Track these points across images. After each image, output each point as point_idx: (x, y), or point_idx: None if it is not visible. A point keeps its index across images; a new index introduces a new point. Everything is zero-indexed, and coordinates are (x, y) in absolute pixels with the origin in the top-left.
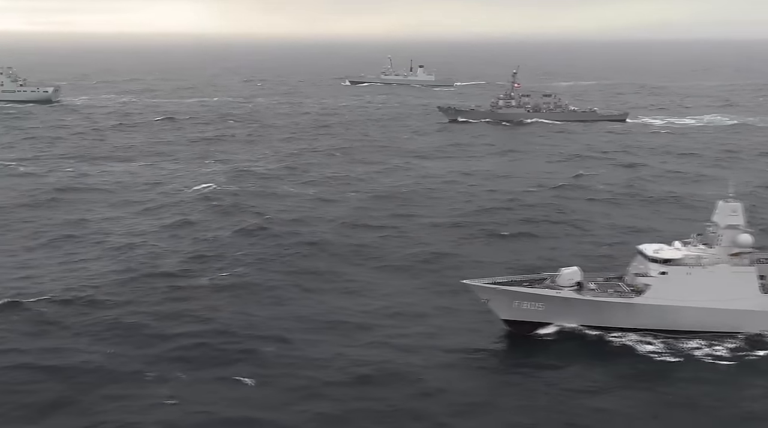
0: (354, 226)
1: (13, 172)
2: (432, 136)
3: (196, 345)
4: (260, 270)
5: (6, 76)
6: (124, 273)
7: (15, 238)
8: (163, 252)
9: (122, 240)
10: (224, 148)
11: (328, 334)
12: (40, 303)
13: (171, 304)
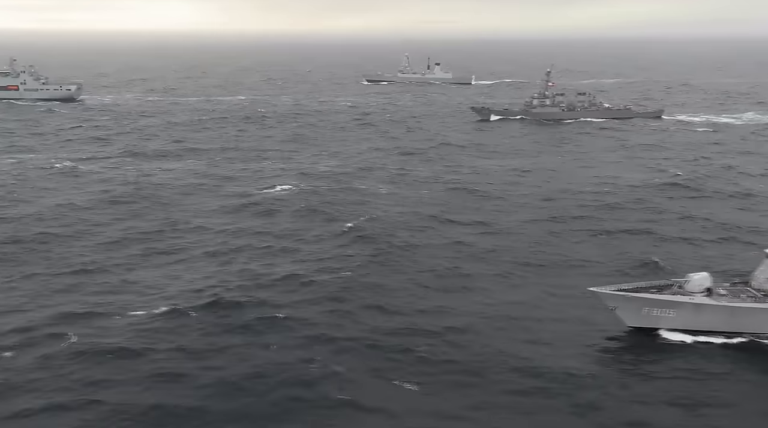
0: (457, 223)
1: (78, 173)
2: (477, 134)
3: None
4: (381, 270)
5: (28, 74)
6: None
7: (141, 246)
8: (289, 253)
9: (239, 241)
10: (281, 148)
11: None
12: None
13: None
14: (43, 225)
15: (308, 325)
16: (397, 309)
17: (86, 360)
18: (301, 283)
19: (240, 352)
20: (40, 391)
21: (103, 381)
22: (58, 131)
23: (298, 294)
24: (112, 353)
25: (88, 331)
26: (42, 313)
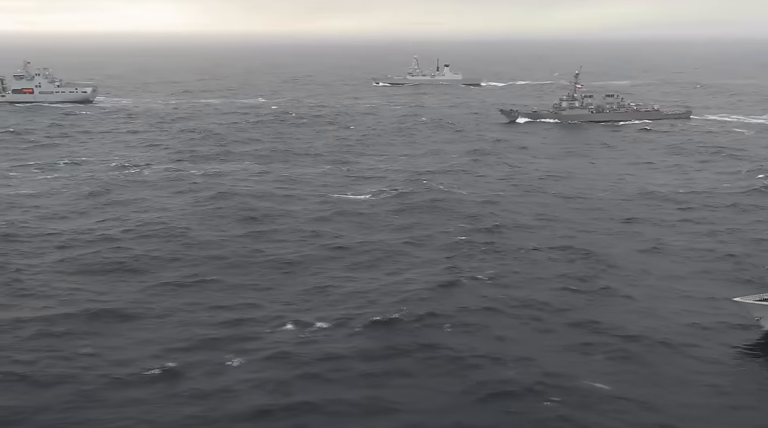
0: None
1: (159, 177)
2: (520, 135)
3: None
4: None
5: (43, 77)
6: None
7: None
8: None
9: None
10: (353, 150)
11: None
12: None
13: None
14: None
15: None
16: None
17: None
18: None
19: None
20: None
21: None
22: (95, 135)
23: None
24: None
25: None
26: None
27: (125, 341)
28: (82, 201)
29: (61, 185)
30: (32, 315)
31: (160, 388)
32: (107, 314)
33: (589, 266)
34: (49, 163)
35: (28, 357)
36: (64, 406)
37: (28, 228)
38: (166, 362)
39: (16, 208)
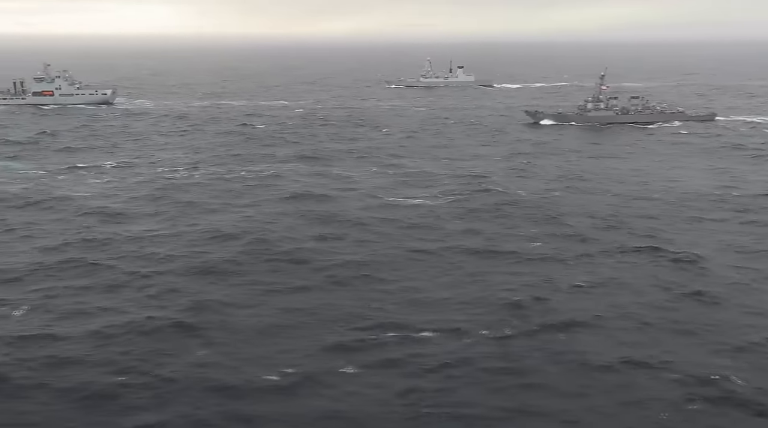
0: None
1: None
2: (554, 137)
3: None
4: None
5: (63, 80)
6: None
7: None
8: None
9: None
10: (394, 152)
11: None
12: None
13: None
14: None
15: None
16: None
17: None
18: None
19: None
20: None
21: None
22: (128, 137)
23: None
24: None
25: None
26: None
27: (235, 349)
28: (149, 204)
29: (116, 188)
30: (164, 315)
31: (276, 398)
32: (212, 321)
33: (682, 267)
34: (94, 166)
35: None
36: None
37: (118, 233)
38: (281, 369)
39: (92, 215)
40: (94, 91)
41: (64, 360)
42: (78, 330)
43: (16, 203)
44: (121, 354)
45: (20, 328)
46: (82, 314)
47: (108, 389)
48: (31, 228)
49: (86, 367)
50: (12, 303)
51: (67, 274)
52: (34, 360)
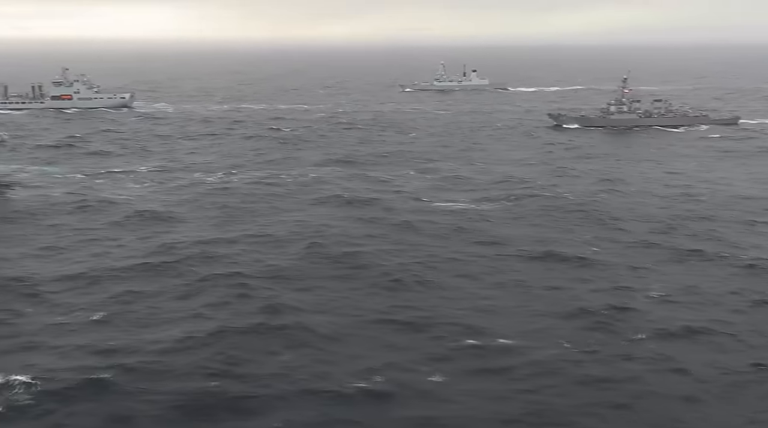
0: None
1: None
2: (584, 140)
3: None
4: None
5: (81, 83)
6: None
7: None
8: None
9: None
10: (427, 155)
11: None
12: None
13: None
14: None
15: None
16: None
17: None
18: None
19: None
20: None
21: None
22: (156, 140)
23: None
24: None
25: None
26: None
27: (323, 354)
28: (198, 209)
29: (159, 192)
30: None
31: (371, 404)
32: (289, 325)
33: (755, 272)
34: (130, 170)
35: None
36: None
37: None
38: (369, 376)
39: (145, 220)
40: (112, 94)
41: (155, 367)
42: (162, 335)
43: (66, 208)
44: (209, 360)
45: (105, 336)
46: (161, 320)
47: (204, 395)
48: (88, 233)
49: (177, 374)
50: (88, 308)
51: (137, 279)
52: (123, 366)
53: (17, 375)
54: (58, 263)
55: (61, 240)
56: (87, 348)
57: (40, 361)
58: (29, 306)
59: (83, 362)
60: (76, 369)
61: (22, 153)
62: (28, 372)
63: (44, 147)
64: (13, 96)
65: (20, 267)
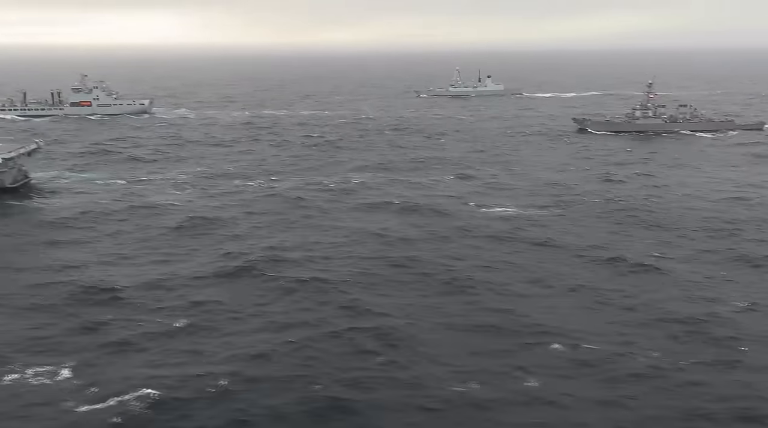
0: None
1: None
2: (614, 144)
3: None
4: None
5: (100, 90)
6: None
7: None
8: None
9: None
10: (465, 161)
11: None
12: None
13: None
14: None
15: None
16: None
17: None
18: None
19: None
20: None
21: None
22: (184, 147)
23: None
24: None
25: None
26: None
27: (414, 357)
28: (250, 216)
29: (205, 198)
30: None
31: (473, 412)
32: (382, 328)
33: None
34: (169, 177)
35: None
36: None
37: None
38: (466, 380)
39: (202, 227)
40: (132, 101)
41: (255, 373)
42: (252, 340)
43: (118, 215)
44: (303, 367)
45: (197, 344)
46: (248, 325)
47: (309, 400)
48: (150, 240)
49: (279, 380)
50: (173, 314)
51: (215, 285)
52: (228, 373)
53: (127, 385)
54: (131, 269)
55: (124, 247)
56: (184, 356)
57: (149, 371)
58: (115, 313)
59: (186, 370)
60: (181, 377)
61: (56, 160)
62: (143, 383)
63: (77, 154)
64: (32, 102)
65: (93, 275)
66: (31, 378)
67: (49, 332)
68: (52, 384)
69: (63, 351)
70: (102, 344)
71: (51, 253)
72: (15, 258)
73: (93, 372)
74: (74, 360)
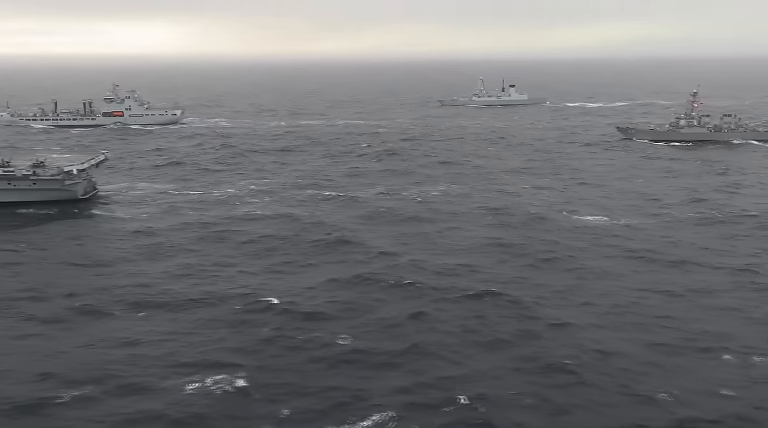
0: None
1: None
2: (670, 154)
3: None
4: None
5: (132, 100)
6: None
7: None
8: None
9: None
10: (533, 170)
11: None
12: None
13: None
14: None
15: None
16: None
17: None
18: None
19: None
20: None
21: None
22: (246, 159)
23: None
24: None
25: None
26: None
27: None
28: (373, 225)
29: (295, 206)
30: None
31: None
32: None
33: None
34: (241, 187)
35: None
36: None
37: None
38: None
39: (334, 239)
40: (163, 111)
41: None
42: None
43: (222, 223)
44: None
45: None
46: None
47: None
48: (275, 252)
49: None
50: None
51: (361, 293)
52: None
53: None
54: (280, 282)
55: (254, 262)
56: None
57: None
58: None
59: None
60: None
61: (120, 170)
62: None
63: (136, 164)
64: (63, 112)
65: (249, 288)
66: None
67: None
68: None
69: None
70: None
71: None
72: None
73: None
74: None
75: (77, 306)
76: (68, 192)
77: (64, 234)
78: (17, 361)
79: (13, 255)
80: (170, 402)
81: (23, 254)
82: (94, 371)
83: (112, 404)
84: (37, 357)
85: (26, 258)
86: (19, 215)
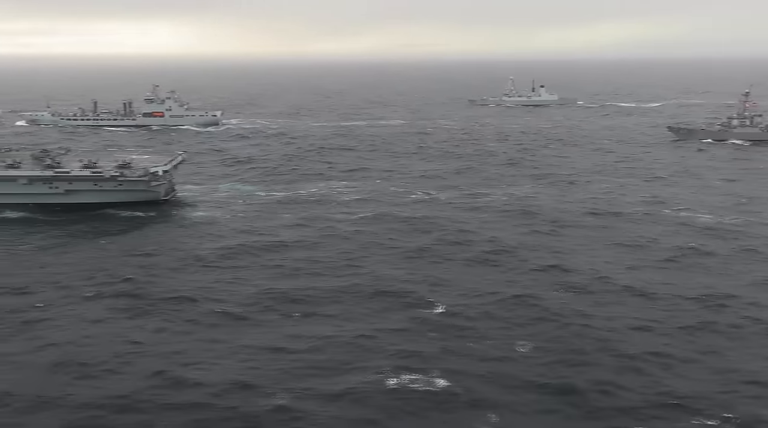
0: None
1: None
2: (725, 154)
3: None
4: None
5: (173, 101)
6: None
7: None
8: None
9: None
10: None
11: None
12: None
13: None
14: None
15: None
16: None
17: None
18: None
19: None
20: None
21: None
22: (301, 159)
23: None
24: None
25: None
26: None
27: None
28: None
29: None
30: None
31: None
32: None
33: None
34: (331, 188)
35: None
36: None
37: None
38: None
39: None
40: (204, 112)
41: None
42: None
43: (346, 225)
44: None
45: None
46: None
47: None
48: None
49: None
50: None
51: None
52: None
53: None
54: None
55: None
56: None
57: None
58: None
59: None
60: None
61: (186, 173)
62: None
63: (203, 166)
64: (103, 112)
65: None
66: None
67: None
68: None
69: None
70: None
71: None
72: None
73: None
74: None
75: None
76: (153, 193)
77: (178, 237)
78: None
79: (144, 259)
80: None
81: (154, 258)
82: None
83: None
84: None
85: (157, 261)
86: (115, 217)
